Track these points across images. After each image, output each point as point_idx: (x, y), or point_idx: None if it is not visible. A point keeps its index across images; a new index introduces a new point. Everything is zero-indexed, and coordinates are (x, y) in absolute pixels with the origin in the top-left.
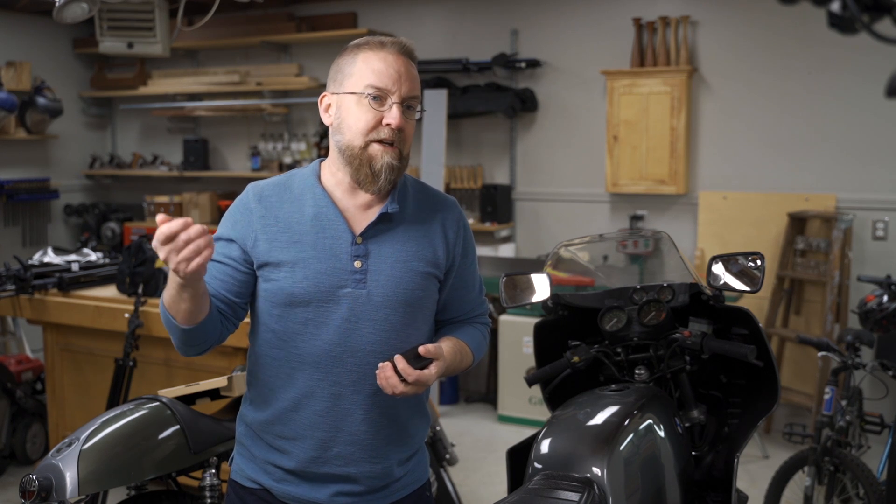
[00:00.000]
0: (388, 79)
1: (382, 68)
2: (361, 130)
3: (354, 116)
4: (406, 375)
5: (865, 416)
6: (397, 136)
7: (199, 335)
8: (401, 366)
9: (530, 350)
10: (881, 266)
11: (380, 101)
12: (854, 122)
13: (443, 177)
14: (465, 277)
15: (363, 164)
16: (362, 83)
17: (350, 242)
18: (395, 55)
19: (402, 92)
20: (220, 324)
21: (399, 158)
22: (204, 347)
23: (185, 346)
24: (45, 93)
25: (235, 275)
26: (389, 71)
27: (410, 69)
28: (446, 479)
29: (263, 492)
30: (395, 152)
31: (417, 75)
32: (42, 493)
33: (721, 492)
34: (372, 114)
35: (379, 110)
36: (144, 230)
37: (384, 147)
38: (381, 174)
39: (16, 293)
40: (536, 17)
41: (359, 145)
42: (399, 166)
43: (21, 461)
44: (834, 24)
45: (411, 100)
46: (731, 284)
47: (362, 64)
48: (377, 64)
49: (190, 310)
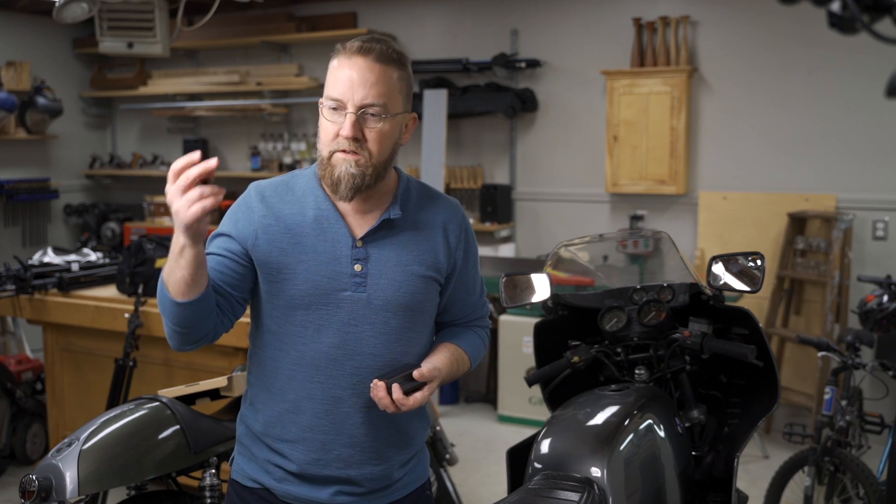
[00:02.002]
0: (341, 87)
1: (339, 77)
2: (326, 141)
3: (323, 128)
4: (400, 405)
5: (865, 416)
6: (355, 145)
7: (192, 315)
8: (396, 395)
9: (530, 350)
10: (881, 266)
11: (338, 111)
12: (854, 122)
13: (443, 177)
14: (466, 281)
15: (327, 172)
16: (326, 94)
17: (350, 246)
18: (353, 59)
19: (355, 100)
20: (216, 315)
21: (363, 166)
22: (196, 336)
23: (177, 330)
24: (45, 93)
25: (235, 267)
26: (343, 79)
27: (372, 73)
28: (446, 479)
29: (264, 491)
30: (357, 159)
31: (389, 77)
32: (42, 493)
33: (721, 492)
34: (331, 125)
35: (336, 122)
36: (144, 230)
37: (345, 155)
38: (340, 183)
39: (16, 293)
40: (536, 17)
41: (325, 155)
42: (362, 174)
43: (21, 461)
44: (834, 24)
45: (369, 106)
46: (731, 284)
47: (330, 73)
48: (336, 73)
49: (186, 279)
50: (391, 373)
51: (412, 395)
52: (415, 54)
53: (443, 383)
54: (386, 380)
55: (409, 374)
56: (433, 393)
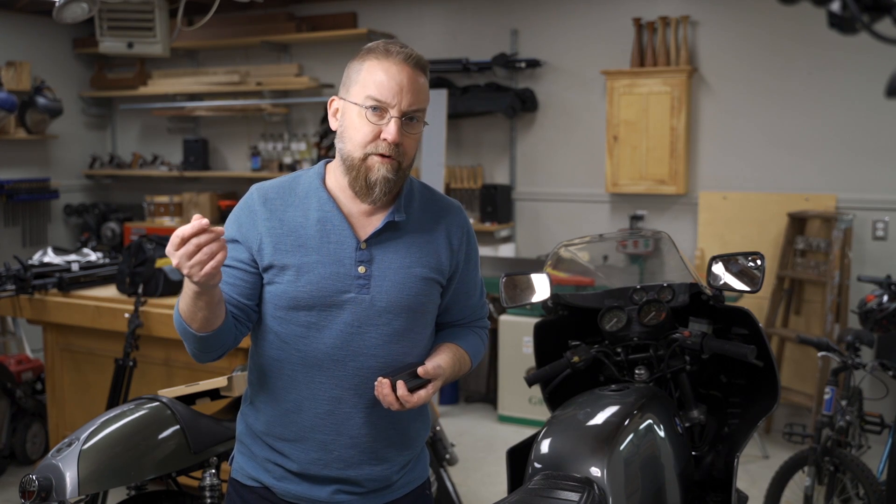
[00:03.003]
0: (388, 91)
1: (384, 80)
2: (360, 142)
3: (355, 127)
4: (405, 402)
5: (865, 416)
6: (395, 150)
7: (215, 342)
8: (401, 392)
9: (530, 350)
10: (881, 266)
11: (379, 113)
12: (854, 122)
13: (443, 177)
14: (467, 283)
15: (360, 174)
16: (364, 94)
17: (354, 248)
18: (400, 65)
19: (402, 106)
20: (235, 328)
21: (396, 171)
22: (220, 353)
23: (200, 353)
24: (45, 93)
25: (245, 277)
26: (391, 83)
27: (416, 80)
28: (446, 479)
29: (265, 490)
30: (393, 164)
31: (425, 86)
32: (42, 493)
33: (721, 492)
34: (370, 127)
35: (377, 124)
36: (144, 230)
37: (382, 159)
38: (375, 186)
39: (16, 293)
40: (536, 17)
41: (358, 157)
42: (395, 179)
43: (21, 461)
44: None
45: (414, 112)
46: (731, 284)
47: (367, 73)
48: (380, 75)
49: (206, 317)
50: (395, 371)
51: (416, 392)
52: None
53: (445, 383)
54: (390, 377)
55: (414, 371)
56: (437, 392)
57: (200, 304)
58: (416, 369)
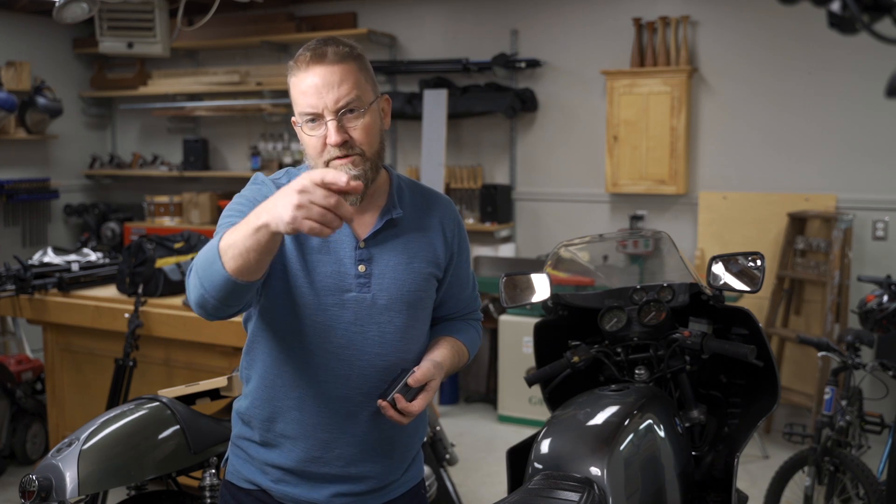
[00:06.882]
0: (312, 98)
1: (306, 89)
2: (315, 156)
3: (306, 143)
4: (408, 413)
5: (865, 416)
6: (347, 148)
7: (242, 293)
8: (401, 406)
9: (530, 350)
10: (881, 266)
11: (317, 122)
12: (854, 122)
13: (443, 177)
14: (460, 275)
15: None
16: (298, 111)
17: (353, 247)
18: (314, 68)
19: (330, 106)
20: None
21: (363, 162)
22: (235, 310)
23: (218, 304)
24: (45, 93)
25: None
26: (311, 90)
27: (336, 73)
28: (446, 479)
29: (260, 492)
30: (354, 160)
31: (352, 71)
32: (42, 493)
33: (721, 492)
34: (315, 139)
35: (318, 134)
36: (144, 230)
37: (340, 161)
38: None
39: (16, 293)
40: (536, 17)
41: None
42: (366, 169)
43: (21, 461)
44: (834, 24)
45: (347, 104)
46: (731, 284)
47: (293, 90)
48: (300, 87)
49: (254, 261)
50: (388, 387)
51: (415, 400)
52: (415, 54)
53: (445, 377)
54: (388, 399)
55: (405, 384)
56: (437, 390)
57: (256, 243)
58: (408, 380)
